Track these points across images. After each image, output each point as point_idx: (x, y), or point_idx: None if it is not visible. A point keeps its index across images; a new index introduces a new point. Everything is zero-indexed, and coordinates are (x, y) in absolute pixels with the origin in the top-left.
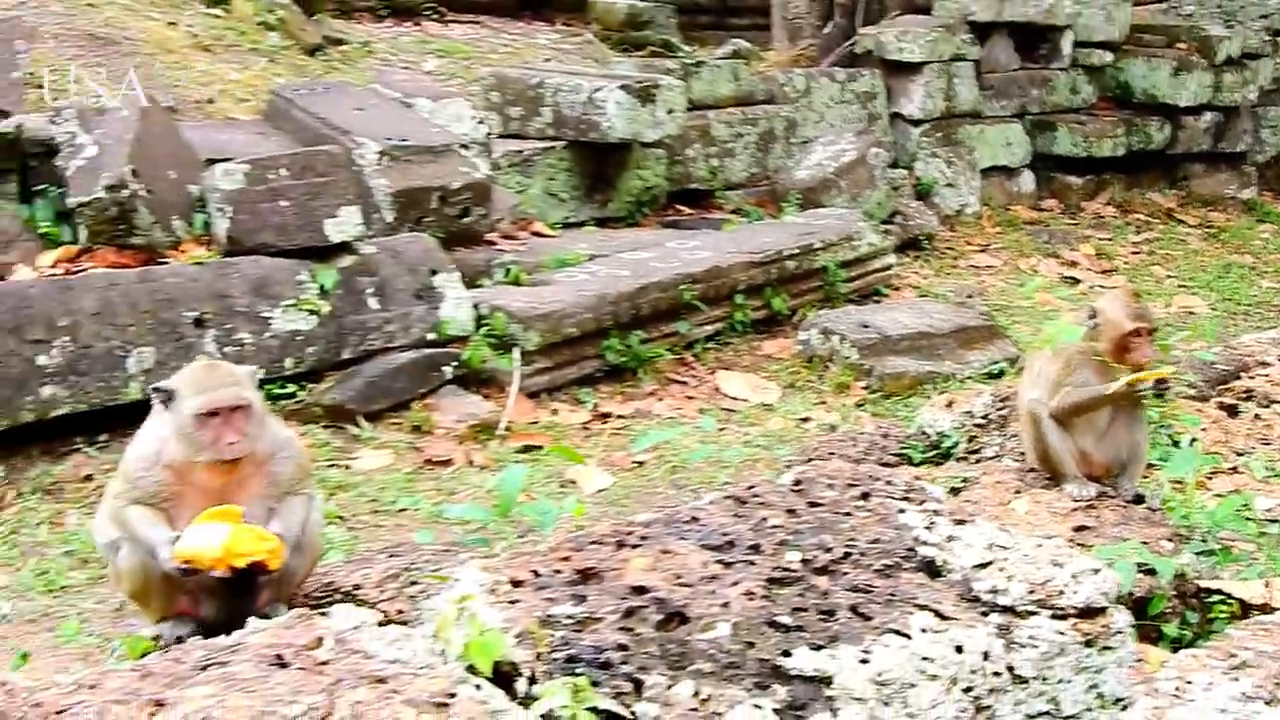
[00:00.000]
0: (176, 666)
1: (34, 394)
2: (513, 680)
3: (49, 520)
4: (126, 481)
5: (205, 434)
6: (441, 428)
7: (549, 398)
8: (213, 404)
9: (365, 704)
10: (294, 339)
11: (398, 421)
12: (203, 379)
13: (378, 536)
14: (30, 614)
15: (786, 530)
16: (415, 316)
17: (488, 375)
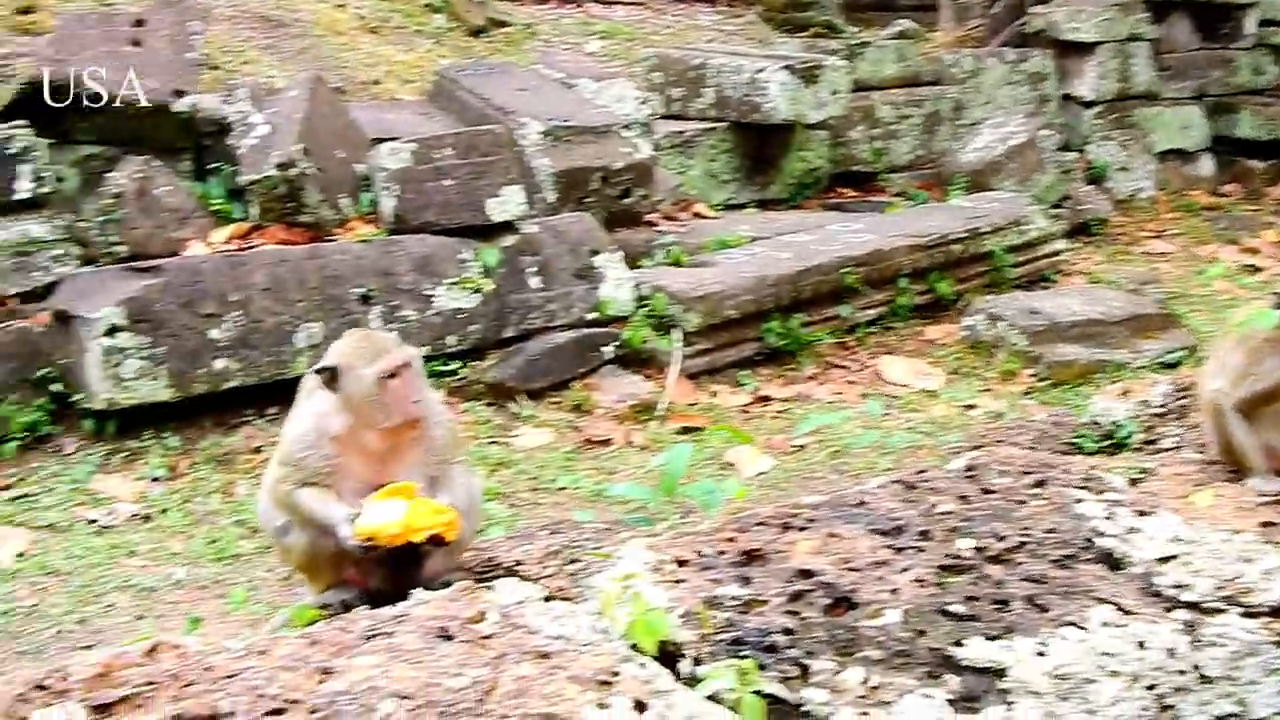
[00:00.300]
0: (343, 635)
1: (207, 366)
2: (676, 660)
3: (220, 489)
4: (288, 464)
5: (389, 397)
6: (601, 407)
7: (708, 379)
8: (393, 364)
9: (529, 679)
10: (457, 317)
11: (558, 400)
12: (368, 346)
13: (538, 514)
14: (202, 580)
15: (958, 517)
16: (576, 296)
17: (647, 356)
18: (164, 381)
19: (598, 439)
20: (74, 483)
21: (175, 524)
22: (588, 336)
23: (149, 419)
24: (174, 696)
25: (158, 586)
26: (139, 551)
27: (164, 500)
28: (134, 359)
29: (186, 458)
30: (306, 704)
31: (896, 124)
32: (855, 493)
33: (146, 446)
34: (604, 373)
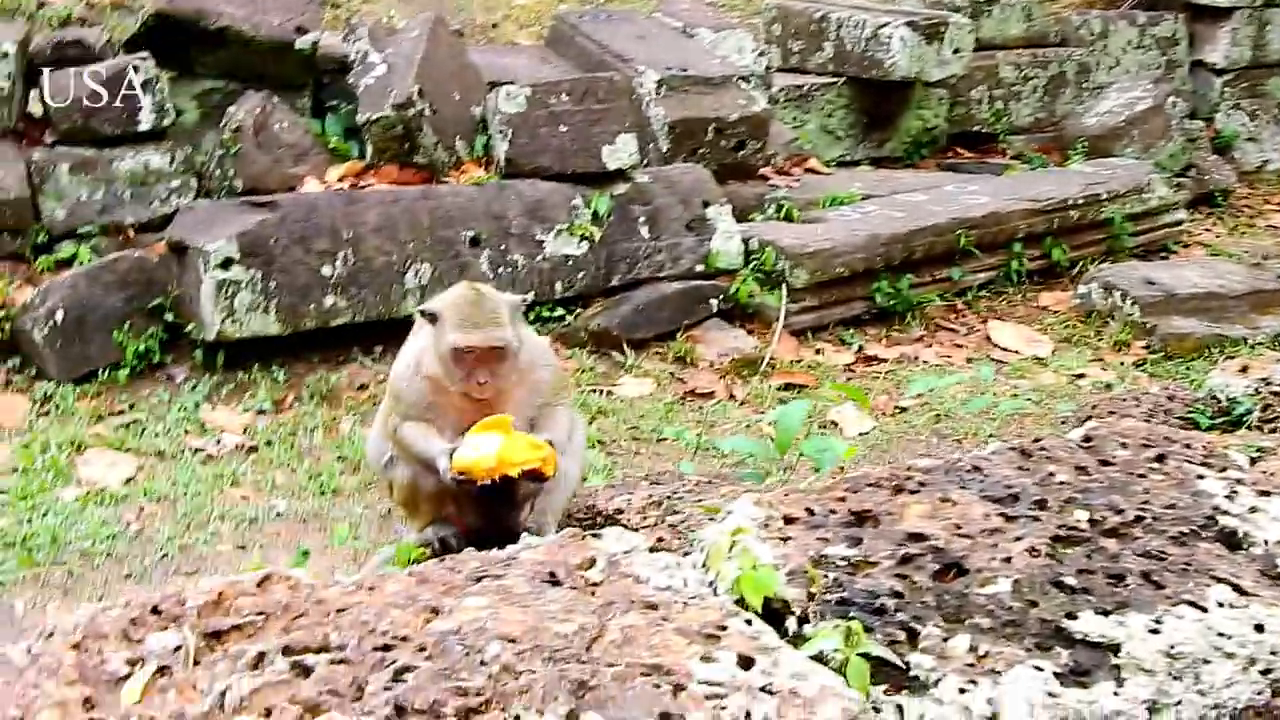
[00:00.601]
0: (452, 576)
1: (316, 303)
2: (783, 618)
3: (324, 425)
4: (394, 397)
5: (459, 368)
6: (705, 360)
7: (814, 337)
8: (468, 343)
9: (636, 629)
10: (565, 263)
11: (661, 351)
12: (466, 313)
13: (638, 464)
14: (303, 513)
15: (1074, 488)
16: (685, 247)
17: (754, 310)
18: (274, 316)
19: (700, 391)
20: (182, 412)
21: (279, 457)
22: (694, 289)
23: (258, 352)
24: (284, 628)
25: (259, 517)
26: (242, 482)
27: (269, 433)
28: (246, 292)
29: (292, 392)
30: (415, 641)
31: (1019, 85)
32: (970, 458)
33: (254, 379)
34: (709, 326)
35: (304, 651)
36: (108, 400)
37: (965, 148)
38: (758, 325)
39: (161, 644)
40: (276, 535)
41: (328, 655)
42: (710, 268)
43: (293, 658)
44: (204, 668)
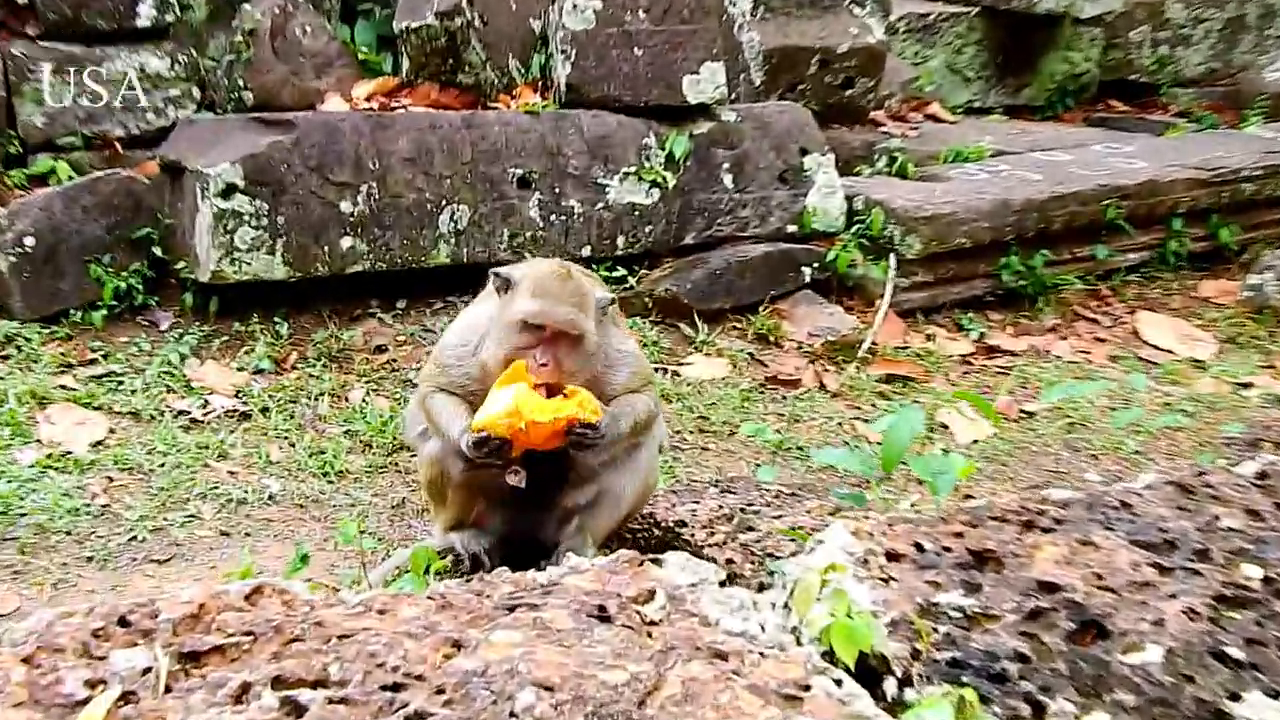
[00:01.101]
0: (479, 602)
1: (331, 244)
2: (881, 679)
3: (331, 392)
4: (437, 365)
5: (522, 341)
6: (792, 340)
7: (925, 319)
8: (542, 318)
9: (700, 683)
10: (630, 213)
11: (740, 326)
12: (547, 284)
13: (705, 463)
14: (300, 497)
15: (1245, 537)
16: (775, 203)
17: (854, 283)
18: (280, 257)
19: (784, 378)
20: (165, 365)
21: (276, 427)
22: (784, 253)
23: (259, 300)
24: (275, 654)
25: (248, 499)
26: (231, 454)
27: (265, 397)
28: (249, 227)
29: (296, 350)
30: (432, 682)
31: (1189, 28)
32: (1118, 492)
33: (252, 332)
34: (799, 299)
35: (298, 685)
36: (79, 346)
37: (1120, 100)
38: (858, 302)
39: (128, 664)
40: (267, 522)
41: (326, 692)
42: (804, 229)
43: (283, 692)
44: (177, 696)
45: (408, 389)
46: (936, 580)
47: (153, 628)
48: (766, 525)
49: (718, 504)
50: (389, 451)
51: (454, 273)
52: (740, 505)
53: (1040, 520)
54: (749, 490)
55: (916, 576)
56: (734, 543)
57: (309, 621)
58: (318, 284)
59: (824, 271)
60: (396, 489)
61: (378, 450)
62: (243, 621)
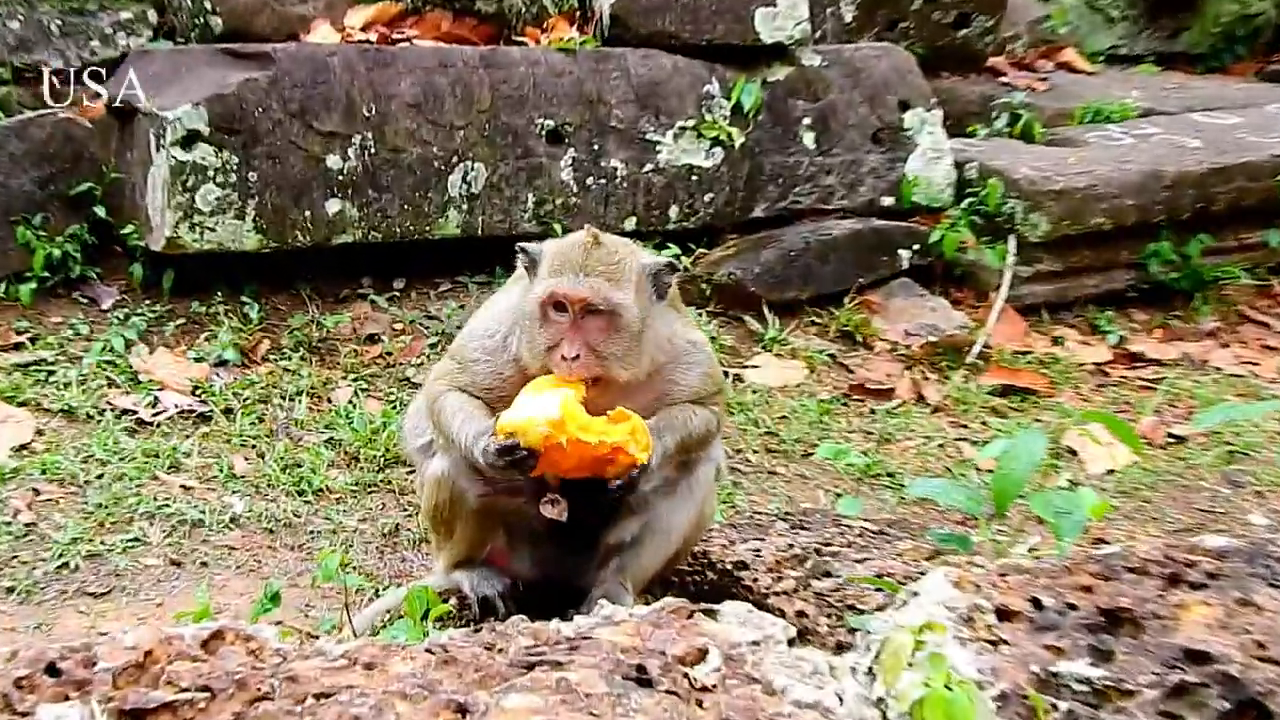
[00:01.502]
0: (490, 657)
1: (315, 208)
2: None
3: (311, 390)
4: (456, 360)
5: (545, 333)
6: (884, 340)
7: (1051, 318)
8: (560, 293)
9: None
10: (687, 178)
11: (819, 321)
12: (571, 256)
13: (772, 490)
14: (270, 520)
15: None
16: (868, 168)
17: (963, 271)
18: (252, 222)
19: (873, 387)
20: (108, 353)
21: (241, 433)
22: (877, 232)
23: (224, 275)
24: (237, 714)
25: (206, 520)
26: (185, 465)
27: (229, 395)
28: (215, 184)
29: (269, 338)
30: None
31: None
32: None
33: (215, 314)
34: (894, 289)
35: None
36: (1, 327)
37: None
38: (968, 294)
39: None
40: (228, 550)
41: None
42: (904, 202)
43: None
44: None
45: (407, 390)
46: (1058, 645)
47: (88, 678)
48: (847, 571)
49: (787, 543)
50: (380, 466)
51: (465, 247)
52: (815, 545)
53: (1189, 574)
54: (826, 526)
55: (1033, 640)
56: (806, 591)
57: (280, 676)
58: (297, 257)
59: (926, 256)
60: (388, 513)
61: (366, 465)
62: (198, 674)
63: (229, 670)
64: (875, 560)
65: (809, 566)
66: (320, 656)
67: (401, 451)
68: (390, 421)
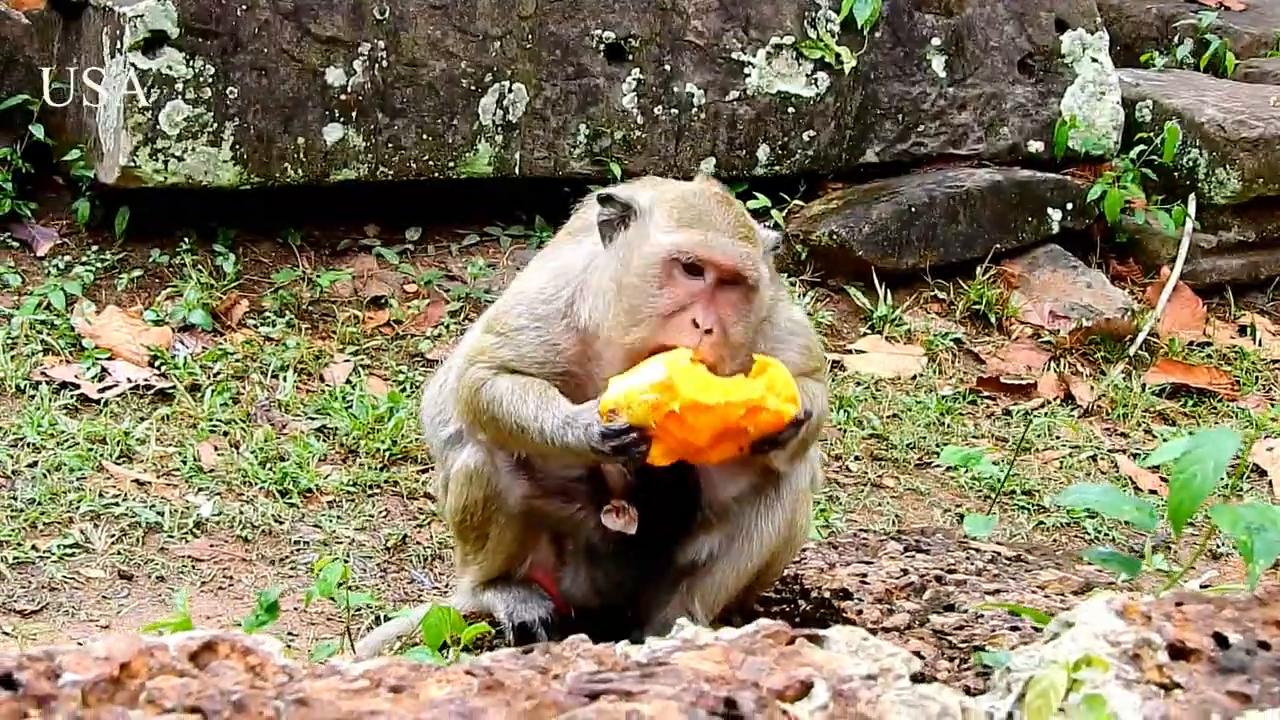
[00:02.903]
0: (545, 684)
1: (309, 135)
2: None
3: (299, 365)
4: (496, 332)
5: (667, 296)
6: (1025, 323)
7: (1238, 301)
8: (708, 255)
9: None
10: (782, 111)
11: (943, 297)
12: (703, 208)
13: (879, 504)
14: (245, 525)
15: None
16: (1012, 104)
17: (1129, 238)
18: (230, 151)
19: (1010, 381)
20: (43, 311)
21: (210, 416)
22: (1021, 185)
23: (192, 216)
24: None
25: (164, 524)
26: (140, 454)
27: (196, 369)
28: (184, 101)
29: (248, 297)
30: None
31: None
32: None
33: (180, 266)
34: (1040, 258)
35: None
36: None
37: None
38: (1133, 267)
39: None
40: (192, 563)
41: None
42: (1056, 149)
43: None
44: None
45: (419, 367)
46: (1245, 691)
47: (51, 693)
48: (975, 603)
49: (900, 568)
50: (384, 463)
51: (498, 190)
52: (935, 571)
53: None
54: (949, 549)
55: (1214, 684)
56: (923, 628)
57: (287, 698)
58: (285, 197)
59: (1081, 217)
60: (394, 521)
61: (367, 460)
62: (186, 692)
63: (224, 689)
64: (1011, 593)
65: (927, 598)
66: (336, 676)
67: (413, 444)
68: (398, 406)
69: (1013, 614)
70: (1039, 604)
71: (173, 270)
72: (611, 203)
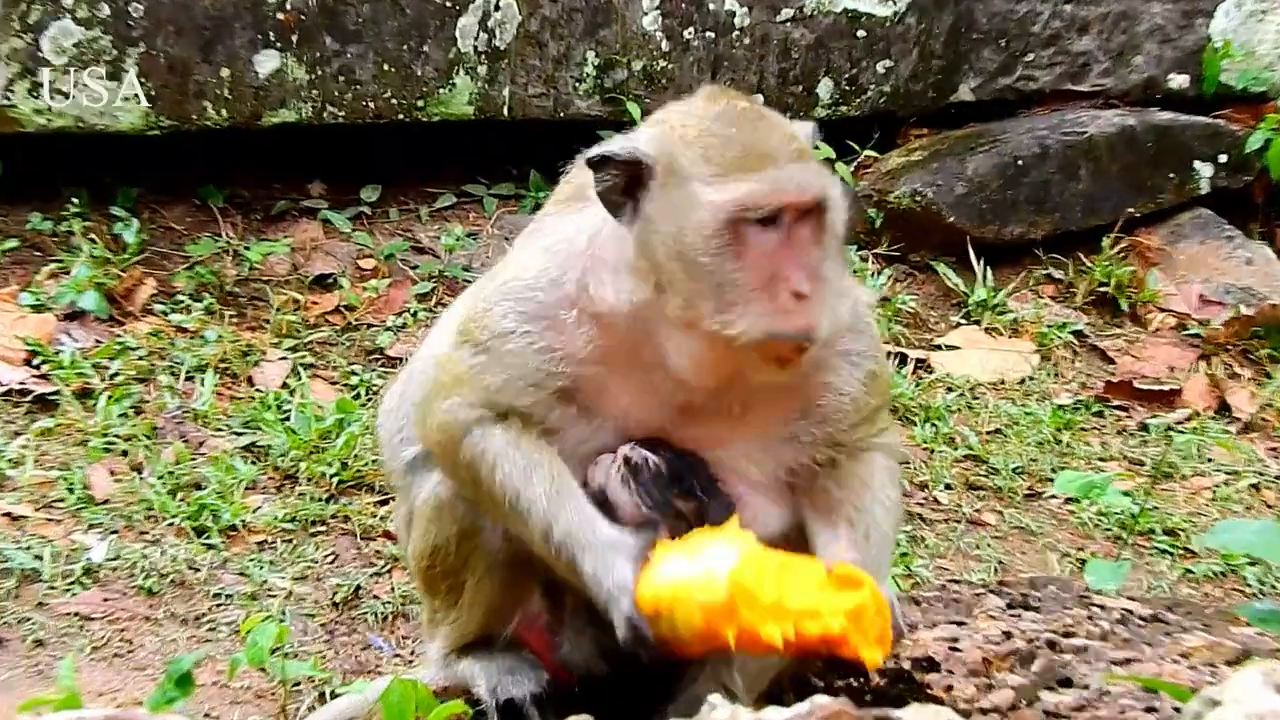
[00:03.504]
0: None
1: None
2: None
3: (222, 364)
4: (479, 345)
5: (754, 264)
6: (1166, 310)
7: None
8: (778, 199)
9: None
10: (848, 33)
11: (1059, 276)
12: (738, 137)
13: (975, 546)
14: (148, 572)
15: None
16: (1146, 25)
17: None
18: (133, 86)
19: (1145, 386)
20: None
21: (106, 429)
22: (1160, 132)
23: (86, 169)
24: None
25: (42, 570)
26: (13, 480)
27: (88, 368)
28: (75, 22)
29: (154, 276)
30: None
31: None
32: None
33: (67, 234)
34: (1186, 226)
35: None
36: None
37: None
38: None
39: None
40: (80, 622)
41: None
42: (1206, 85)
43: None
44: None
45: (378, 368)
46: None
47: None
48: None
49: (1002, 630)
50: (331, 492)
51: (481, 136)
52: (1048, 635)
53: None
54: (1066, 607)
55: None
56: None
57: None
58: (205, 146)
59: (1239, 173)
60: (343, 568)
61: (310, 488)
62: None
63: None
64: (1146, 662)
65: (1037, 669)
66: None
67: (368, 468)
68: (349, 419)
69: (1148, 690)
70: (1182, 677)
71: (57, 240)
72: (609, 166)
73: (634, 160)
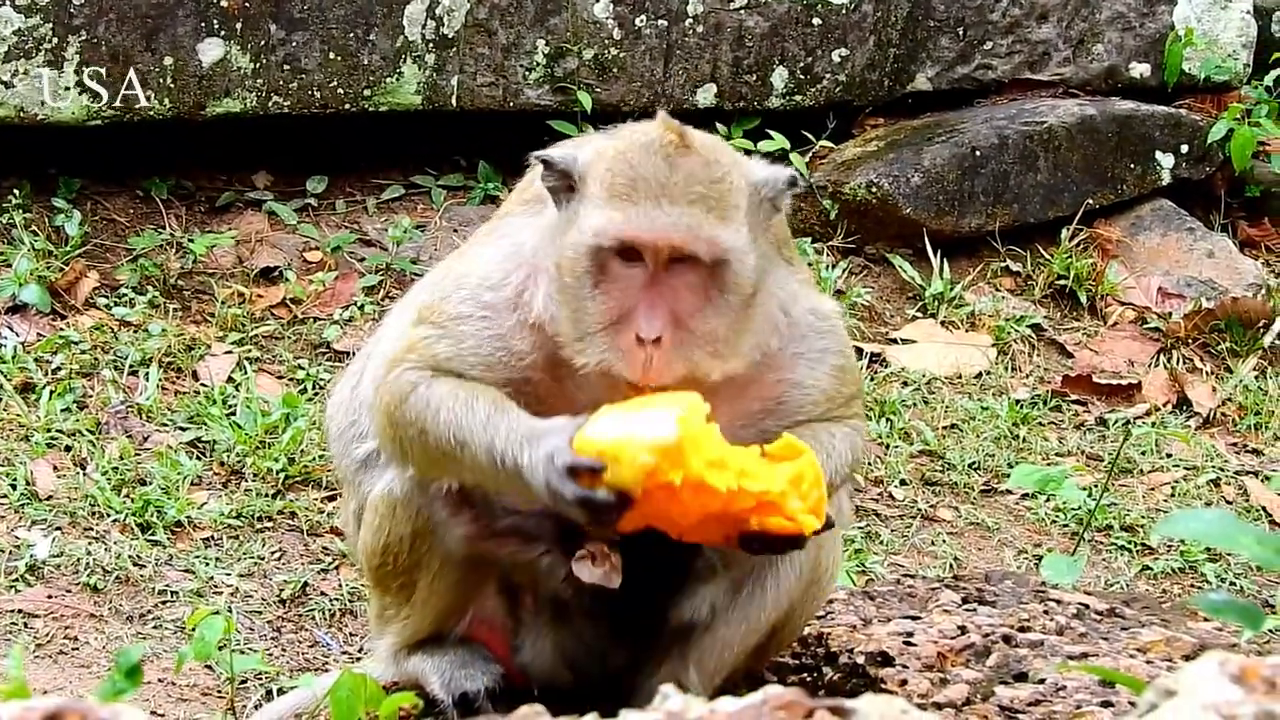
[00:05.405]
0: None
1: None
2: None
3: (166, 358)
4: (435, 324)
5: (597, 298)
6: (1126, 302)
7: None
8: (632, 232)
9: None
10: (804, 21)
11: (1017, 270)
12: (641, 164)
13: (930, 542)
14: (94, 569)
15: None
16: (1107, 13)
17: (1263, 191)
18: (74, 74)
19: (1105, 381)
20: None
21: (49, 424)
22: (1121, 122)
23: (24, 160)
24: None
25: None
26: None
27: (30, 363)
28: (11, 10)
29: (97, 269)
30: None
31: None
32: None
33: (7, 228)
34: (1146, 217)
35: None
36: None
37: None
38: (1268, 230)
39: None
40: (24, 619)
41: None
42: (1167, 74)
43: None
44: None
45: (325, 362)
46: None
47: None
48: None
49: (957, 625)
50: (278, 487)
51: (429, 126)
52: (1003, 629)
53: None
54: (1021, 601)
55: None
56: (987, 701)
57: None
58: (148, 136)
59: (1200, 164)
60: (291, 565)
61: (256, 483)
62: None
63: None
64: (1103, 656)
65: (992, 663)
66: None
67: (315, 463)
68: (296, 413)
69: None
70: (1138, 671)
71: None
72: (551, 168)
73: (566, 169)
